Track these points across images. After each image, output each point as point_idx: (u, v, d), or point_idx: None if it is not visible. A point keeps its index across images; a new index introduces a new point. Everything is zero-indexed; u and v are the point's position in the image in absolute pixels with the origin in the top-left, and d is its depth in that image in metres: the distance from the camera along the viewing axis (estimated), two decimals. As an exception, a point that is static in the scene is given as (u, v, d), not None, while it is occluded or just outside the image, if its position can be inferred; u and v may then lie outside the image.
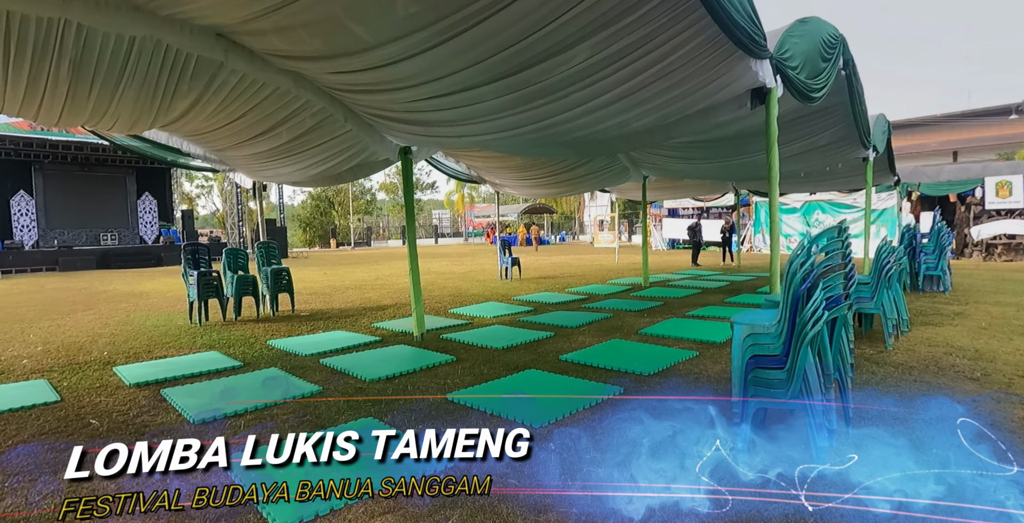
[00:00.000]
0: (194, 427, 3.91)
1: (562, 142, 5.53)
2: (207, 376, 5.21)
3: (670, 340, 6.59)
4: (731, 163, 9.98)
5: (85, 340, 6.93)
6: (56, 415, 4.15)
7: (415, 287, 6.64)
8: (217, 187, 34.09)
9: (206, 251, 8.19)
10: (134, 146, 7.71)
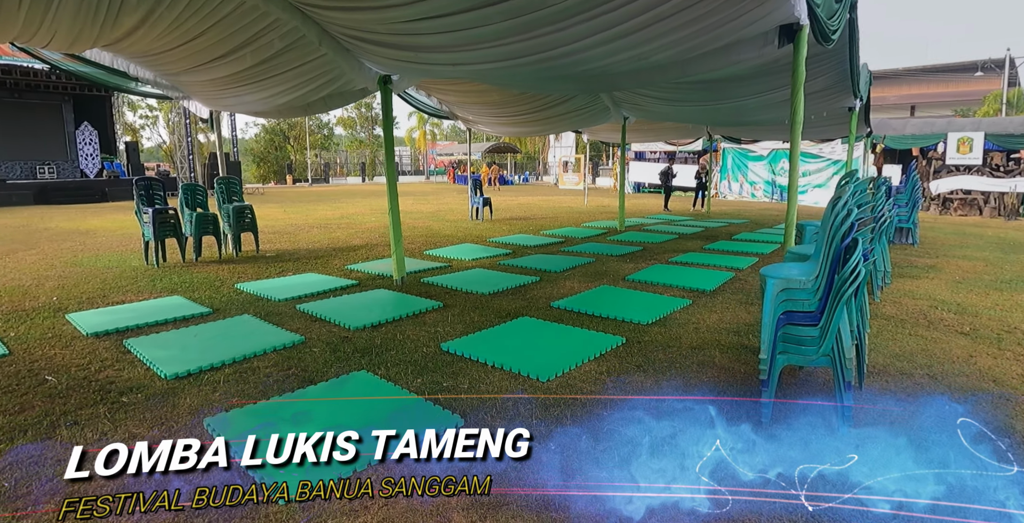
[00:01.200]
0: (167, 383, 3.56)
1: (566, 76, 5.04)
2: (173, 324, 4.80)
3: (659, 287, 6.46)
4: (718, 107, 9.60)
5: (30, 283, 6.33)
6: (4, 371, 3.72)
7: (395, 228, 6.24)
8: (163, 118, 31.63)
9: (161, 186, 7.49)
10: (73, 69, 6.80)
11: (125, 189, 18.64)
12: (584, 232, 11.22)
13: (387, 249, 8.81)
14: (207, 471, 1.99)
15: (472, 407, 3.33)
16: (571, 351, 4.24)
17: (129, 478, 1.95)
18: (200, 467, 1.96)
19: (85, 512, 1.85)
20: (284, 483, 2.07)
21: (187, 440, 2.04)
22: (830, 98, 9.43)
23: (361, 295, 5.84)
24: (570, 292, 6.21)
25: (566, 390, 3.63)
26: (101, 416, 3.10)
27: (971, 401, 3.30)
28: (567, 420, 3.14)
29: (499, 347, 4.30)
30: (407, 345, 4.37)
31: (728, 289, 6.49)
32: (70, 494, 2.04)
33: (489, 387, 3.63)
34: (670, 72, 5.07)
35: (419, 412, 3.17)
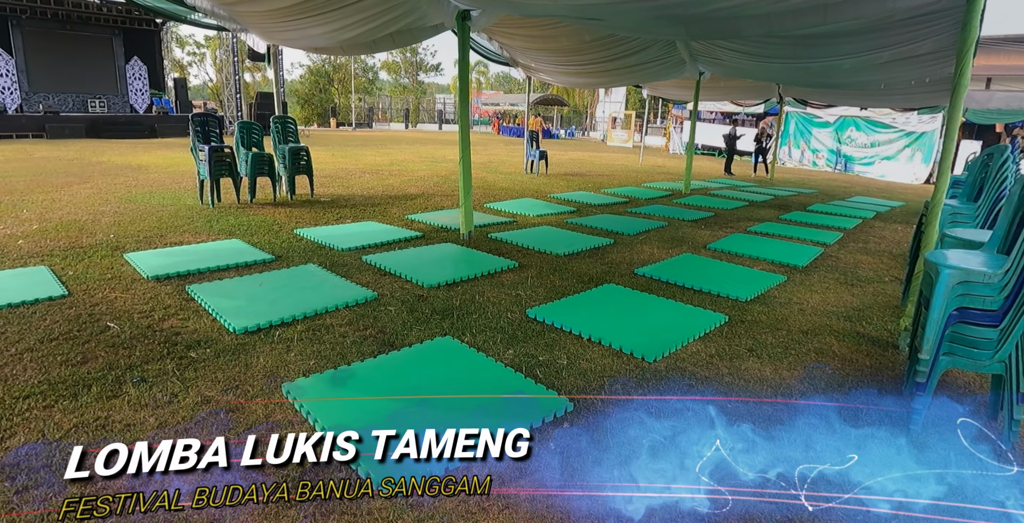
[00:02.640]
0: (236, 338, 3.23)
1: (682, 18, 4.32)
2: (235, 270, 4.48)
3: (746, 259, 5.89)
4: (809, 66, 8.57)
5: (86, 219, 6.11)
6: (65, 315, 3.44)
7: (465, 179, 5.75)
8: (210, 55, 31.14)
9: (217, 123, 7.12)
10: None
11: (173, 126, 18.49)
12: (647, 193, 10.55)
13: (445, 199, 8.37)
14: (207, 471, 1.82)
15: (575, 388, 2.92)
16: (672, 327, 3.78)
17: (129, 478, 1.78)
18: (200, 467, 1.81)
19: (85, 512, 1.70)
20: (284, 484, 1.87)
21: (187, 440, 1.86)
22: (939, 62, 8.29)
23: (429, 249, 5.43)
24: (650, 258, 5.69)
25: (678, 374, 3.18)
26: (169, 373, 2.78)
27: None
28: (693, 413, 2.70)
29: (591, 317, 3.85)
30: (489, 309, 3.96)
31: (821, 266, 5.88)
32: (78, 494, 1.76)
33: (591, 365, 3.21)
34: (807, 18, 4.30)
35: (524, 395, 2.77)
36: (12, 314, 3.42)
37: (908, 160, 18.93)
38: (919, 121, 18.65)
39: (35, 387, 2.57)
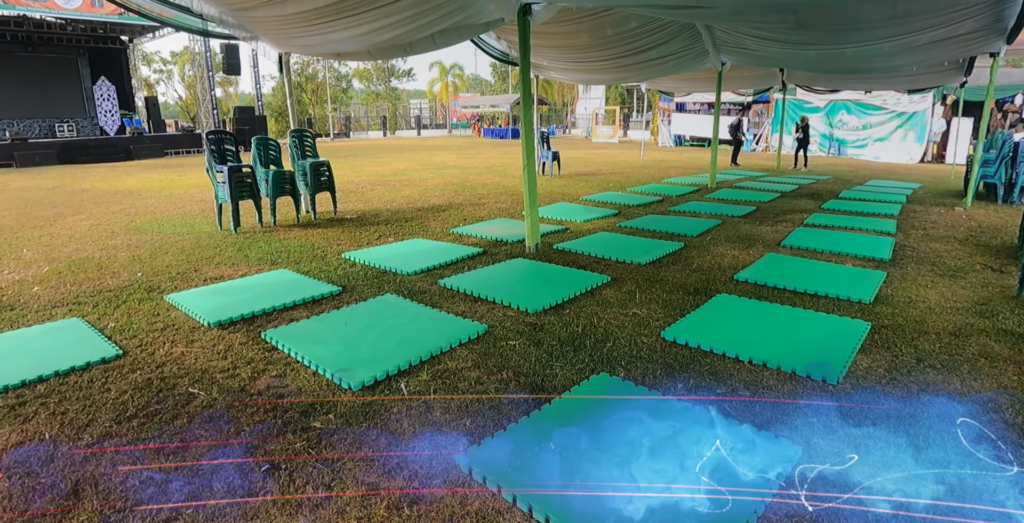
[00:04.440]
0: (356, 396, 2.65)
1: (792, 4, 3.82)
2: (305, 308, 3.88)
3: (830, 255, 5.52)
4: (843, 51, 8.21)
5: (100, 255, 5.41)
6: (131, 382, 2.82)
7: (530, 190, 5.21)
8: (178, 71, 29.85)
9: (232, 141, 6.44)
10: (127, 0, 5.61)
11: (149, 147, 17.52)
12: (675, 189, 10.13)
13: (478, 209, 7.83)
14: None
15: (773, 421, 2.44)
16: (824, 340, 3.39)
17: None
18: None
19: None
20: None
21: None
22: (972, 43, 8.01)
23: (502, 266, 4.88)
24: (735, 261, 5.24)
25: (873, 396, 2.73)
26: (301, 454, 2.20)
27: None
28: (939, 436, 2.22)
29: (732, 335, 3.39)
30: (617, 334, 3.44)
31: (905, 257, 5.53)
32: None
33: (773, 392, 2.73)
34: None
35: (742, 440, 2.25)
36: (65, 386, 2.79)
37: (901, 140, 18.95)
38: (910, 101, 18.67)
39: (141, 493, 1.97)
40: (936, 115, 18.44)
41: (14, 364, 2.98)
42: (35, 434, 2.36)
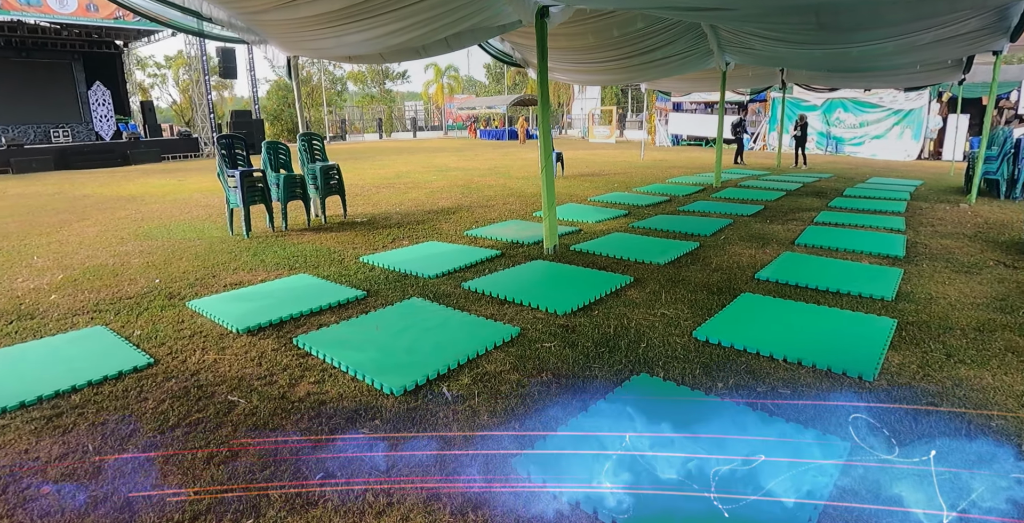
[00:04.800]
0: (399, 401, 2.63)
1: (814, 6, 3.81)
2: (332, 312, 3.85)
3: (845, 253, 5.56)
4: (848, 50, 8.21)
5: (113, 262, 5.35)
6: (167, 390, 2.78)
7: (548, 191, 5.20)
8: (172, 75, 29.64)
9: (243, 145, 6.39)
10: (138, 4, 5.55)
11: (146, 152, 17.41)
12: (681, 189, 10.14)
13: (487, 211, 7.81)
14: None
15: (813, 418, 2.45)
16: (854, 337, 3.41)
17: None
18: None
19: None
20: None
21: None
22: (976, 42, 8.03)
23: (523, 268, 4.87)
24: (753, 260, 5.25)
25: (910, 393, 2.75)
26: (353, 459, 2.17)
27: None
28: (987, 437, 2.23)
29: (763, 333, 3.42)
30: (649, 334, 3.44)
31: (919, 254, 5.57)
32: None
33: (811, 389, 2.76)
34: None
35: (803, 439, 2.25)
36: (100, 395, 2.75)
37: (898, 138, 19.07)
38: (906, 99, 18.79)
39: (196, 506, 1.94)
40: (932, 112, 18.56)
41: (45, 374, 2.93)
42: (77, 446, 2.32)
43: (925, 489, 2.01)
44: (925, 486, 2.03)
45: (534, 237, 5.95)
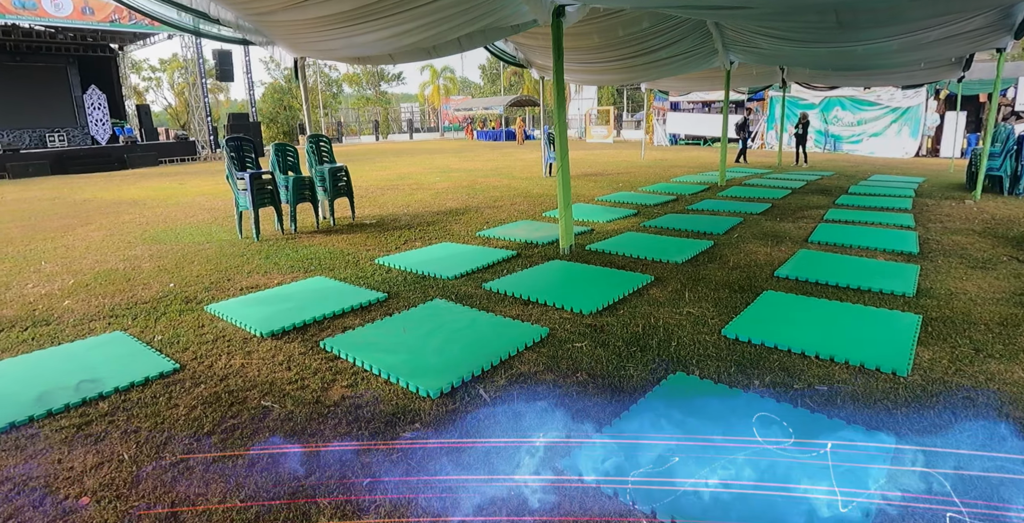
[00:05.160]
0: (437, 403, 2.59)
1: (835, 4, 3.78)
2: (356, 315, 3.80)
3: (860, 250, 5.57)
4: (855, 48, 8.20)
5: (124, 267, 5.28)
6: (198, 396, 2.73)
7: (564, 190, 5.17)
8: (167, 78, 29.45)
9: (252, 147, 6.33)
10: (143, 5, 5.48)
11: (143, 156, 17.28)
12: (686, 188, 10.13)
13: (497, 212, 7.77)
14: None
15: (877, 421, 2.42)
16: (881, 333, 3.41)
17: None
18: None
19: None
20: None
21: None
22: (981, 39, 8.02)
23: (542, 268, 4.83)
24: (770, 258, 5.24)
25: (944, 388, 2.75)
26: (400, 464, 2.13)
27: None
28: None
29: (792, 330, 3.42)
30: (678, 333, 3.41)
31: (933, 250, 5.57)
32: None
33: (851, 386, 2.75)
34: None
35: (859, 442, 2.22)
36: (128, 402, 2.69)
37: (896, 135, 19.14)
38: (903, 96, 18.87)
39: (244, 515, 1.89)
40: (930, 109, 18.65)
41: (70, 381, 2.88)
42: (112, 455, 2.27)
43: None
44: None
45: (548, 237, 5.92)
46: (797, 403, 2.61)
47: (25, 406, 2.62)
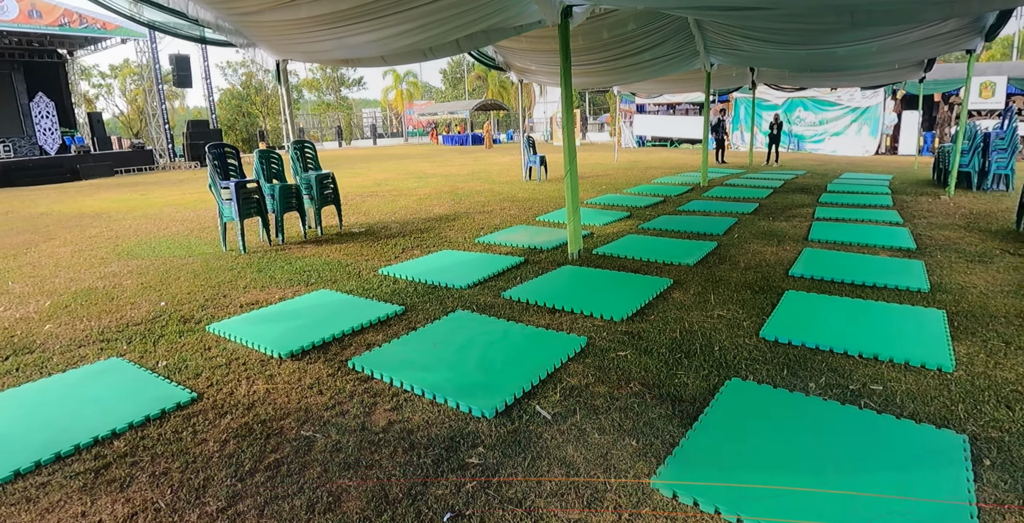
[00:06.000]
0: (494, 424, 2.41)
1: (851, 6, 3.76)
2: (377, 330, 3.58)
3: (860, 247, 5.65)
4: (835, 50, 8.34)
5: (103, 285, 4.91)
6: (228, 428, 2.48)
7: (572, 195, 5.04)
8: (118, 85, 28.06)
9: (235, 154, 6.00)
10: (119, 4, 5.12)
11: (96, 166, 16.41)
12: (668, 189, 10.16)
13: (488, 217, 7.61)
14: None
15: (916, 411, 2.37)
16: (912, 329, 3.42)
17: None
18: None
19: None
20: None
21: None
22: (954, 40, 8.25)
23: (556, 274, 4.69)
24: (775, 257, 5.24)
25: (989, 384, 2.73)
26: (477, 497, 1.95)
27: None
28: None
29: (824, 329, 3.40)
30: (715, 337, 3.33)
31: (928, 246, 5.71)
32: None
33: (904, 385, 2.74)
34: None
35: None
36: (148, 439, 2.43)
37: (856, 134, 19.77)
38: (863, 97, 19.51)
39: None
40: (888, 109, 19.33)
41: (74, 417, 2.59)
42: (145, 503, 2.01)
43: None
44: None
45: (551, 242, 5.79)
46: (860, 405, 2.54)
47: (29, 450, 2.33)
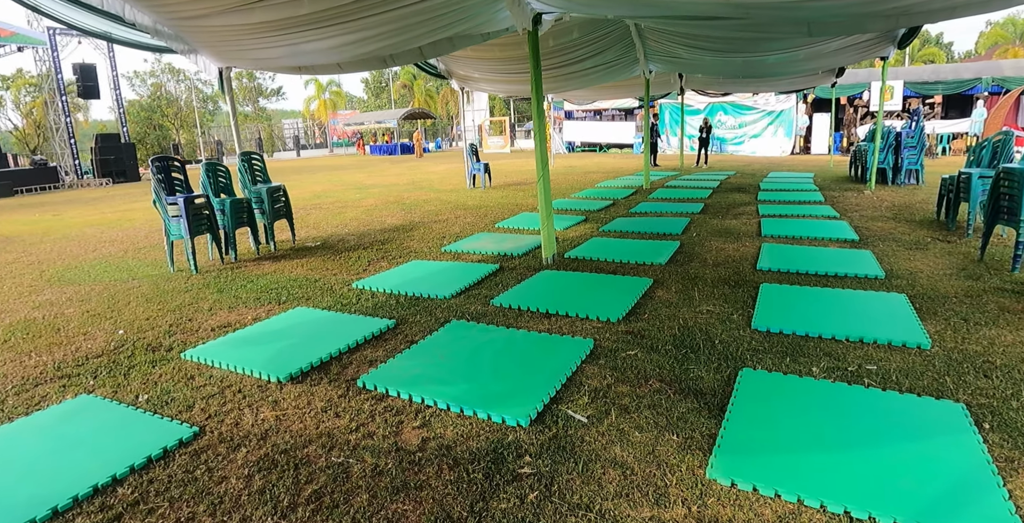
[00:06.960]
0: (529, 432, 2.38)
1: (806, 19, 4.02)
2: (374, 347, 3.44)
3: (811, 240, 6.03)
4: (765, 58, 8.89)
5: (44, 316, 4.45)
6: (246, 463, 2.30)
7: (545, 201, 5.07)
8: (11, 97, 25.46)
9: (181, 168, 5.61)
10: (46, 5, 4.67)
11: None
12: (614, 193, 10.43)
13: (445, 226, 7.53)
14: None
15: (913, 386, 2.56)
16: (885, 312, 3.68)
17: None
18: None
19: None
20: None
21: None
22: (873, 48, 8.92)
23: (537, 279, 4.69)
24: (737, 253, 5.51)
25: (972, 360, 2.98)
26: (542, 504, 1.91)
27: None
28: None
29: (809, 317, 3.60)
30: (712, 331, 3.45)
31: (870, 237, 6.18)
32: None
33: (893, 363, 2.96)
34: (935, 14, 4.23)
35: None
36: (156, 483, 2.20)
37: (773, 136, 21.11)
38: (777, 101, 20.86)
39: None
40: (800, 112, 20.74)
41: (60, 465, 2.32)
42: (179, 551, 1.83)
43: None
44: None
45: (519, 248, 5.80)
46: (864, 384, 2.70)
47: (18, 508, 2.06)
